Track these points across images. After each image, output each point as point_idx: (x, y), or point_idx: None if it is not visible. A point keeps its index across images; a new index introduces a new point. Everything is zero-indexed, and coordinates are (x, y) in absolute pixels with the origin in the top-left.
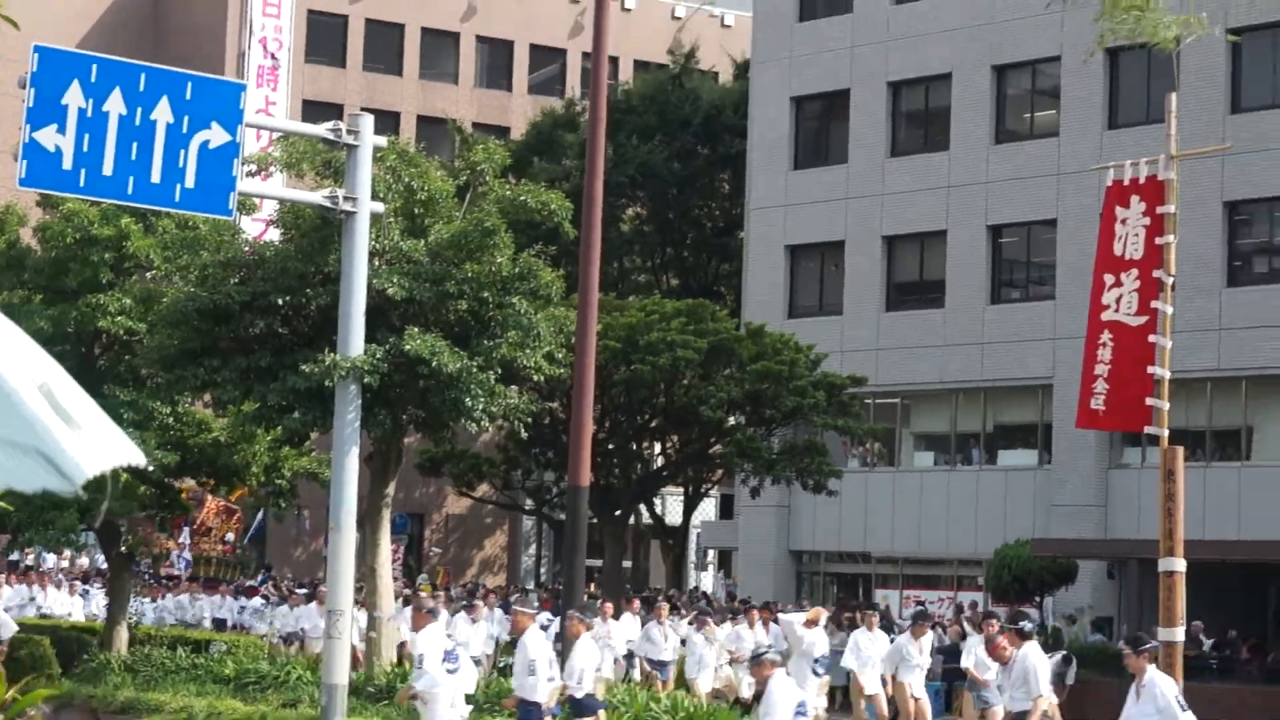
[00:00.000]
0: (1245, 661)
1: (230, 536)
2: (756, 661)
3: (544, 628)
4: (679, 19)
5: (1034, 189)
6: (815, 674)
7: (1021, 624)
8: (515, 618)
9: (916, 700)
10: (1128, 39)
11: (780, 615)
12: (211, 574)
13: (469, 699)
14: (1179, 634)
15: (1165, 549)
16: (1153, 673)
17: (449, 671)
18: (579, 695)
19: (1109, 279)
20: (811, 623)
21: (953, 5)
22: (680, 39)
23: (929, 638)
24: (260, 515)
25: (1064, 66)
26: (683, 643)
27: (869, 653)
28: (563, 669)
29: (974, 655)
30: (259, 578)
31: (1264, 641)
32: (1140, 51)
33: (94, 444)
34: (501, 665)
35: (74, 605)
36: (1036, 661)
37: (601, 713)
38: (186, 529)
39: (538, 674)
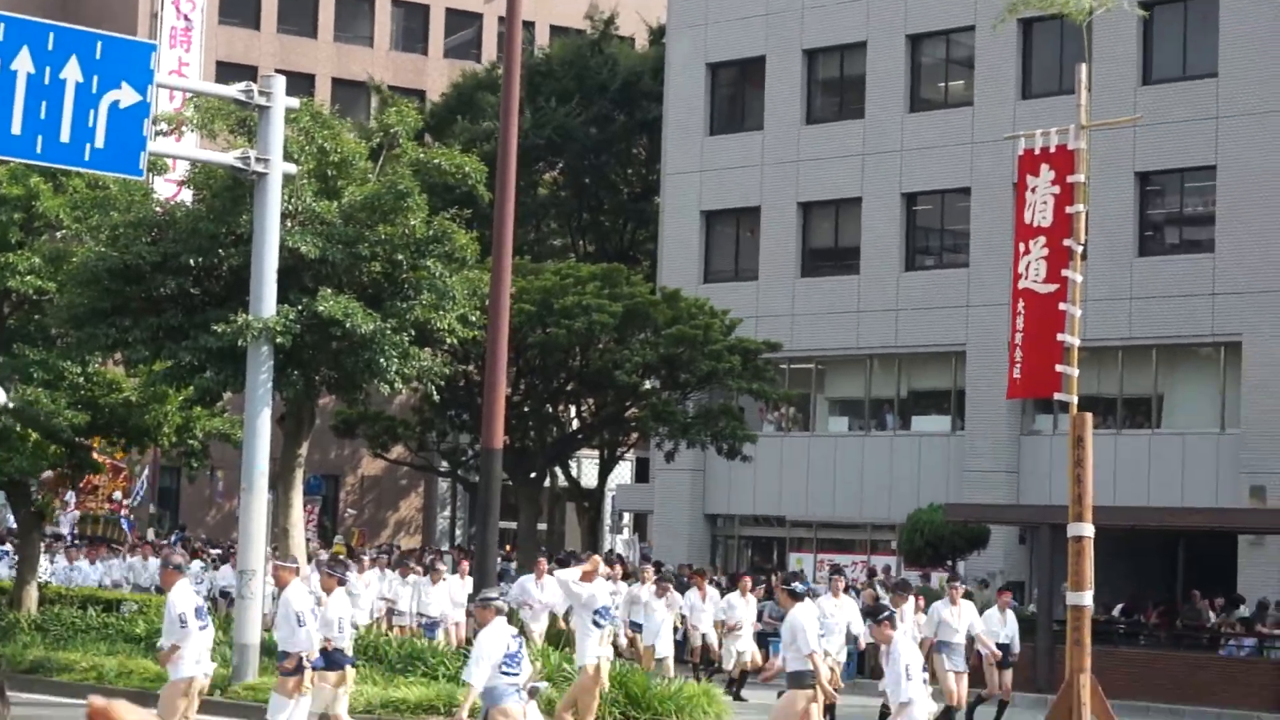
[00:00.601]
0: (1154, 626)
1: (118, 495)
2: (877, 622)
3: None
4: None
5: (948, 157)
6: (597, 625)
7: (793, 585)
8: (277, 572)
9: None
10: (1040, 9)
11: (556, 572)
12: (99, 533)
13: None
14: (1087, 598)
15: (1074, 514)
16: (896, 640)
17: (199, 628)
18: (338, 646)
19: (1023, 247)
20: (588, 575)
21: None
22: (597, 4)
23: (909, 605)
24: (144, 473)
25: (978, 36)
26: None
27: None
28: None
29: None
30: (172, 538)
31: (1171, 606)
32: (1053, 22)
33: None
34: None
35: None
36: (804, 620)
37: (350, 668)
38: (72, 490)
39: (306, 625)
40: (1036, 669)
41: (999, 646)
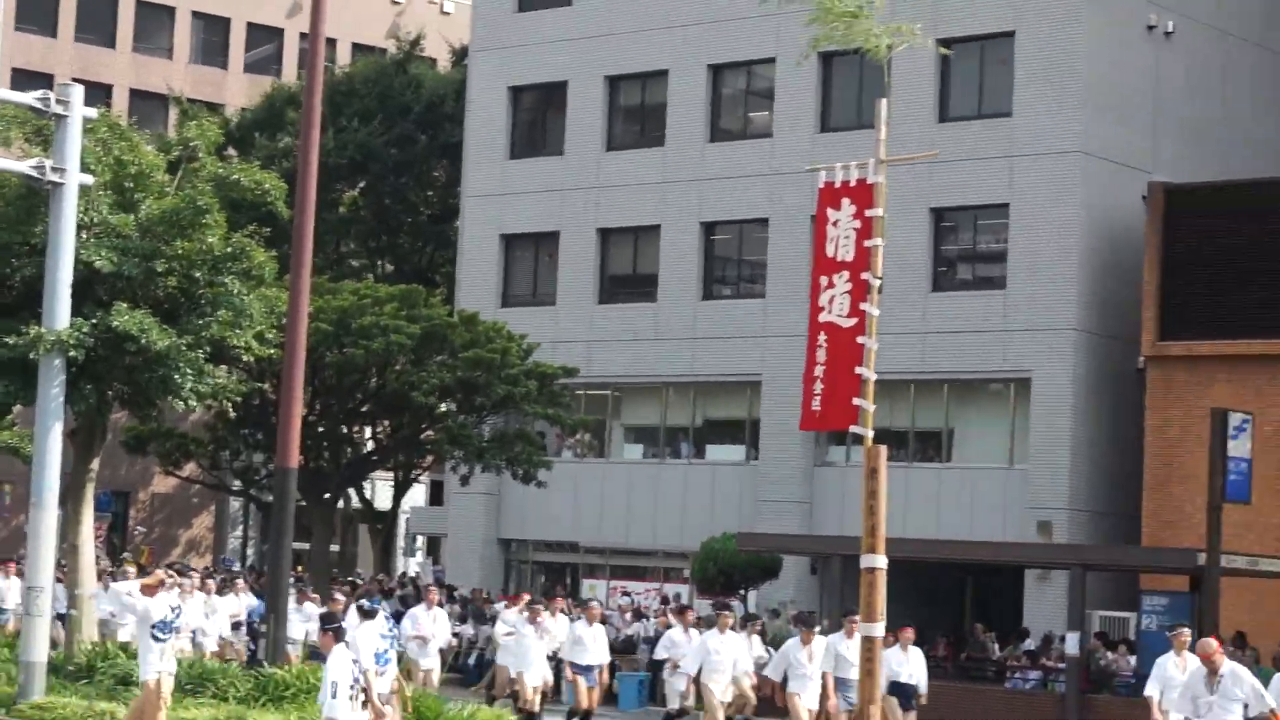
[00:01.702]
0: (942, 658)
1: None
2: (323, 631)
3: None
4: (398, 3)
5: (747, 188)
6: (157, 639)
7: (363, 601)
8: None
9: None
10: (840, 45)
11: (112, 584)
12: None
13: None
14: (879, 629)
15: (867, 545)
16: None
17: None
18: None
19: (824, 280)
20: (149, 588)
21: (671, 2)
22: (399, 23)
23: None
24: None
25: (778, 68)
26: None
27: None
28: None
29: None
30: None
31: (959, 639)
32: (853, 57)
33: None
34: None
35: None
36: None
37: None
38: None
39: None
40: None
41: (902, 686)
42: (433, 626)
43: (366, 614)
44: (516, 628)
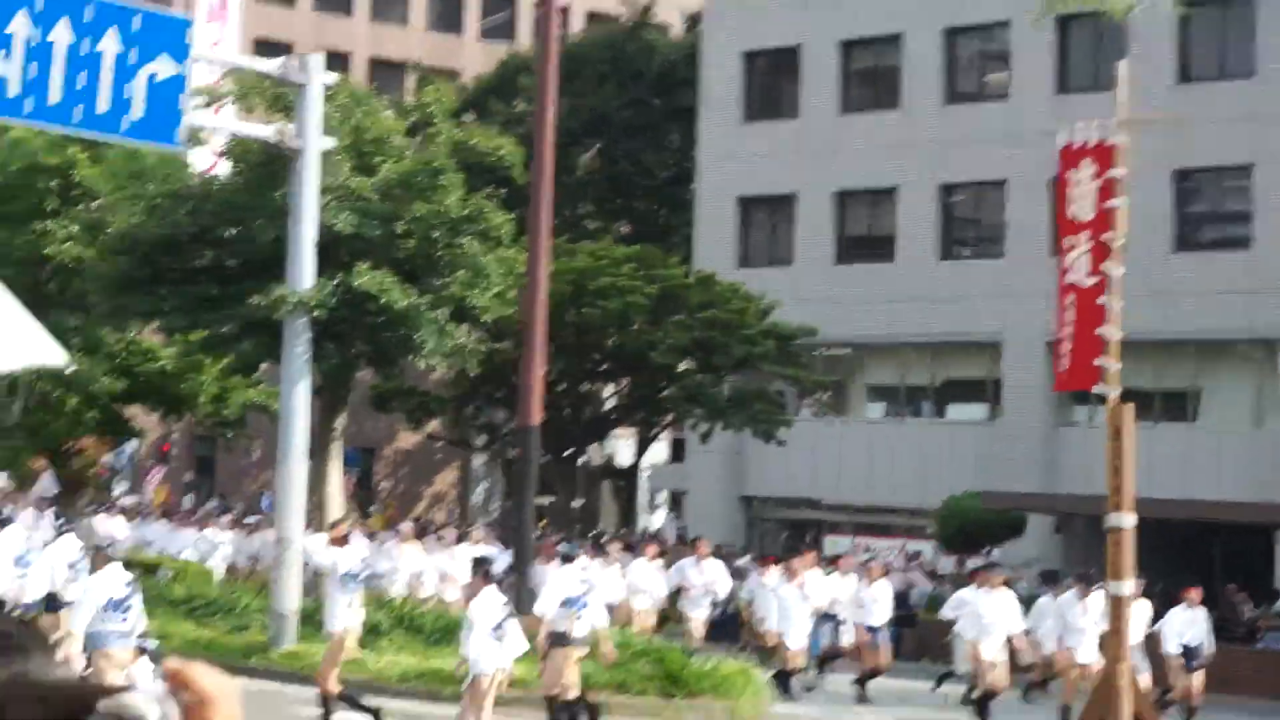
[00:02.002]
0: None
1: (107, 459)
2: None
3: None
4: None
5: (984, 149)
6: (345, 591)
7: (562, 546)
8: None
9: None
10: (1081, 6)
11: (306, 538)
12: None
13: None
14: (1126, 589)
15: (1113, 504)
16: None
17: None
18: None
19: (1067, 242)
20: (337, 541)
21: None
22: None
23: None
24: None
25: (1014, 30)
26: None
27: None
28: None
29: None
30: (212, 505)
31: (1208, 600)
32: (1090, 19)
33: (6, 341)
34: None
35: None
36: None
37: None
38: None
39: None
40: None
41: (1190, 649)
42: (700, 579)
43: (565, 558)
44: (778, 590)
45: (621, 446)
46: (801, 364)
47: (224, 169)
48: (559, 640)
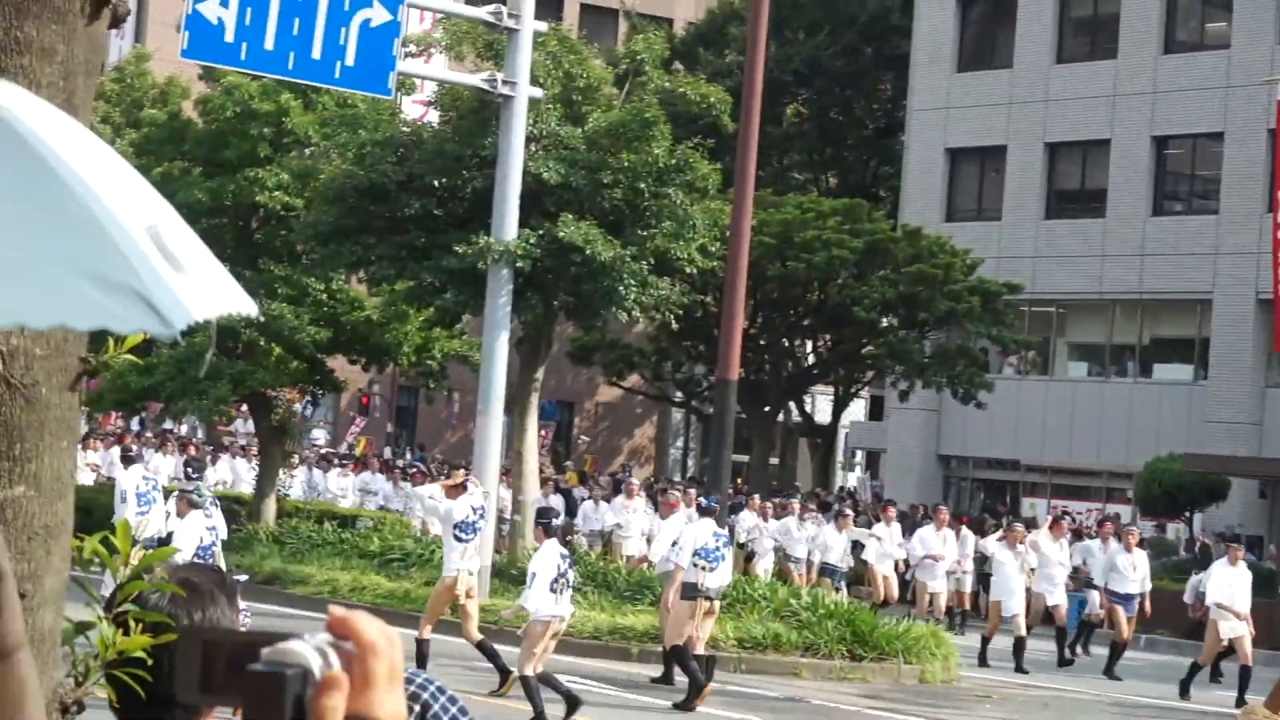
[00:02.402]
0: None
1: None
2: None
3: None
4: None
5: (1201, 100)
6: (459, 539)
7: (702, 499)
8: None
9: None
10: None
11: (420, 487)
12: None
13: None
14: None
15: None
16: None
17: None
18: None
19: None
20: (452, 490)
21: None
22: None
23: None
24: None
25: None
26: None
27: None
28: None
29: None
30: (410, 457)
31: None
32: None
33: (199, 289)
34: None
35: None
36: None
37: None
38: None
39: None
40: (1274, 626)
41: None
42: (943, 547)
43: (704, 510)
44: (995, 555)
45: (820, 403)
46: (1006, 321)
47: (433, 117)
48: (689, 592)
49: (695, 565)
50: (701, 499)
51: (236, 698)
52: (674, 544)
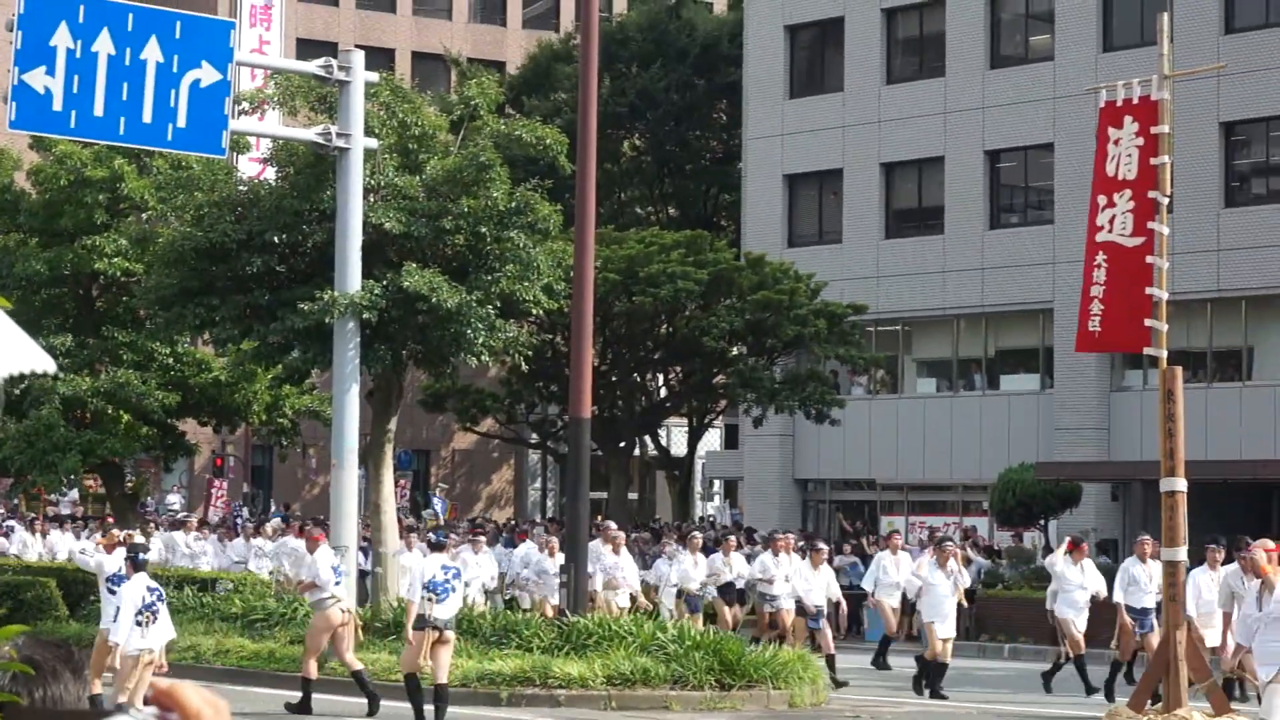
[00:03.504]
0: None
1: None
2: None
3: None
4: None
5: (1030, 113)
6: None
7: (431, 535)
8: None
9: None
10: None
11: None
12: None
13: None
14: (1181, 554)
15: (1166, 469)
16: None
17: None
18: None
19: (1103, 200)
20: (108, 546)
21: None
22: None
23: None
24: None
25: None
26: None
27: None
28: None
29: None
30: (271, 515)
31: None
32: None
33: None
34: (507, 596)
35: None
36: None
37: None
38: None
39: None
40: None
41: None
42: (897, 575)
43: (434, 546)
44: (925, 577)
45: (675, 435)
46: (853, 342)
47: (270, 174)
48: (419, 623)
49: (424, 598)
50: (432, 536)
51: None
52: (408, 581)
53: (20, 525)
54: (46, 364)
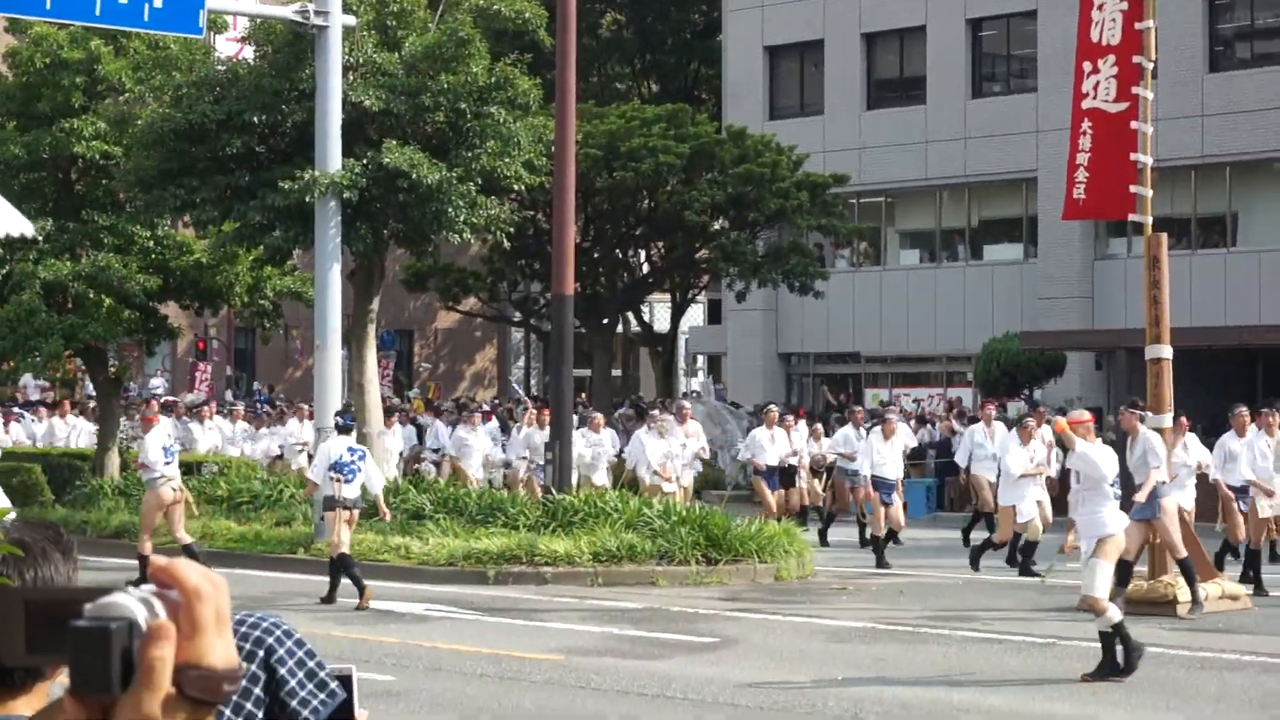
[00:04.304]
0: None
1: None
2: None
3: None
4: None
5: None
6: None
7: (338, 417)
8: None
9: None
10: None
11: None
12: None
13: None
14: (1167, 420)
15: (1151, 336)
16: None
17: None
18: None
19: (1088, 66)
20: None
21: None
22: None
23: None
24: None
25: None
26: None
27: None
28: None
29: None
30: (258, 399)
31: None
32: None
33: None
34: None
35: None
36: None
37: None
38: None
39: None
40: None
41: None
42: (772, 446)
43: (341, 429)
44: (1007, 456)
45: (658, 311)
46: (836, 214)
47: (249, 54)
48: (329, 504)
49: (332, 479)
50: (338, 418)
51: (62, 656)
52: (312, 461)
53: None
54: (24, 227)
